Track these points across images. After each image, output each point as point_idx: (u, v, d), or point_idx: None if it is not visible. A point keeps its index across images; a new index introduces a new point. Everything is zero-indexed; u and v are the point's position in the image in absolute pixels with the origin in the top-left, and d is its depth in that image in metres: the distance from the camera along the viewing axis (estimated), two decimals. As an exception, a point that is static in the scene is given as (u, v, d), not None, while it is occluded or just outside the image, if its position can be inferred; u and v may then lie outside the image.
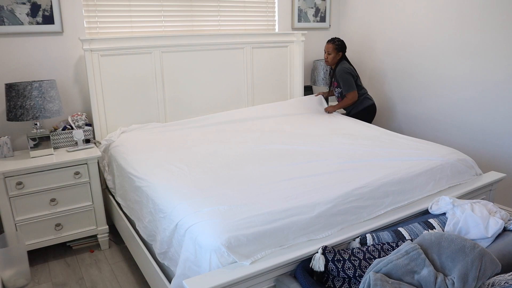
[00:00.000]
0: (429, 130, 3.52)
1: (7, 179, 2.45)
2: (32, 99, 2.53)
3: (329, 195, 1.84)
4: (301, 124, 3.25)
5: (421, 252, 1.38)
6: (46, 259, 2.75)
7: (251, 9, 3.71)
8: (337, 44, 3.53)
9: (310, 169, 2.17)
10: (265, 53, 3.64)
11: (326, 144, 2.63)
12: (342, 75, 3.48)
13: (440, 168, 2.24)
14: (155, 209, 1.99)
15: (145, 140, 2.80)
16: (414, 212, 1.97)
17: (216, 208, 1.73)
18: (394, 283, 1.31)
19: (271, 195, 1.84)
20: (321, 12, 4.11)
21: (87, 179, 2.70)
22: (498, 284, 1.37)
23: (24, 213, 2.54)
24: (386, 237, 1.71)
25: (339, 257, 1.52)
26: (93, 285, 2.46)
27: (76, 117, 2.92)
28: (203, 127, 3.13)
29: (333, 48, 3.52)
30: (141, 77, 3.10)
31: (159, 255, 1.93)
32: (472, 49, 3.13)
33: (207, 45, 3.32)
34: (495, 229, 1.71)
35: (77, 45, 2.95)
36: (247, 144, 2.69)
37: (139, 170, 2.32)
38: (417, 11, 3.49)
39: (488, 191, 2.37)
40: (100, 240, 2.85)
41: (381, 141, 2.68)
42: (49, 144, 2.69)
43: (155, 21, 3.27)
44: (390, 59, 3.81)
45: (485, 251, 1.38)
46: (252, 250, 1.56)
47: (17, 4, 2.71)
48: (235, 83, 3.54)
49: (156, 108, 3.20)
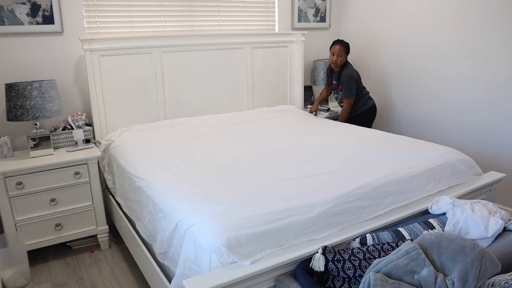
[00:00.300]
0: (429, 130, 3.52)
1: (7, 179, 2.45)
2: (32, 99, 2.53)
3: (329, 195, 1.84)
4: (301, 124, 3.25)
5: (421, 252, 1.38)
6: (46, 259, 2.75)
7: (251, 9, 3.71)
8: (346, 46, 3.48)
9: (310, 169, 2.17)
10: (265, 53, 3.64)
11: (326, 144, 2.63)
12: (348, 81, 3.43)
13: (440, 168, 2.24)
14: (155, 209, 1.99)
15: (145, 140, 2.80)
16: (414, 212, 1.97)
17: (216, 208, 1.73)
18: (394, 283, 1.31)
19: (271, 195, 1.84)
20: (321, 12, 4.11)
21: (87, 179, 2.70)
22: (498, 284, 1.37)
23: (24, 213, 2.54)
24: (386, 237, 1.71)
25: (339, 257, 1.52)
26: (93, 285, 2.46)
27: (76, 117, 2.92)
28: (203, 127, 3.13)
29: (344, 50, 3.46)
30: (141, 77, 3.10)
31: (159, 255, 1.93)
32: (472, 49, 3.13)
33: (207, 45, 3.32)
34: (495, 229, 1.71)
35: (77, 45, 2.95)
36: (247, 144, 2.69)
37: (139, 170, 2.32)
38: (417, 11, 3.49)
39: (488, 191, 2.37)
40: (100, 240, 2.85)
41: (381, 141, 2.68)
42: (49, 144, 2.69)
43: (155, 21, 3.28)
44: (390, 59, 3.81)
45: (485, 251, 1.38)
46: (252, 250, 1.56)
47: (17, 4, 2.71)
48: (235, 83, 3.54)
49: (156, 108, 3.20)
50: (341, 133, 2.92)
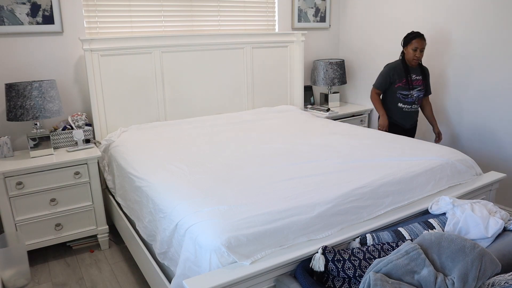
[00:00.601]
0: (429, 131, 3.52)
1: (7, 179, 2.45)
2: (32, 99, 2.53)
3: (329, 195, 1.84)
4: (301, 124, 3.25)
5: (421, 252, 1.38)
6: (46, 259, 2.75)
7: (251, 9, 3.71)
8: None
9: (310, 169, 2.17)
10: (265, 53, 3.64)
11: (326, 144, 2.63)
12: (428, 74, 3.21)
13: (440, 168, 2.24)
14: (155, 209, 1.99)
15: (145, 140, 2.80)
16: (414, 212, 1.97)
17: (216, 208, 1.73)
18: (394, 283, 1.31)
19: (271, 195, 1.84)
20: (321, 12, 4.11)
21: (87, 179, 2.70)
22: (498, 284, 1.37)
23: (24, 213, 2.54)
24: (386, 237, 1.71)
25: (339, 257, 1.52)
26: (93, 285, 2.46)
27: (76, 117, 2.92)
28: (203, 127, 3.13)
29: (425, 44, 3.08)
30: (141, 77, 3.10)
31: (159, 255, 1.93)
32: (472, 49, 3.13)
33: (207, 45, 3.32)
34: (495, 229, 1.71)
35: (77, 45, 2.95)
36: (247, 144, 2.69)
37: (139, 170, 2.32)
38: (417, 12, 3.49)
39: (488, 191, 2.37)
40: (100, 240, 2.85)
41: (381, 141, 2.68)
42: (49, 144, 2.69)
43: (155, 21, 3.28)
44: (389, 59, 3.80)
45: (485, 251, 1.38)
46: (252, 250, 1.56)
47: (17, 4, 2.71)
48: (235, 83, 3.54)
49: (156, 108, 3.20)
50: (341, 133, 2.92)
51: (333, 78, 3.92)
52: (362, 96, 4.15)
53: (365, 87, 4.08)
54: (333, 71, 3.91)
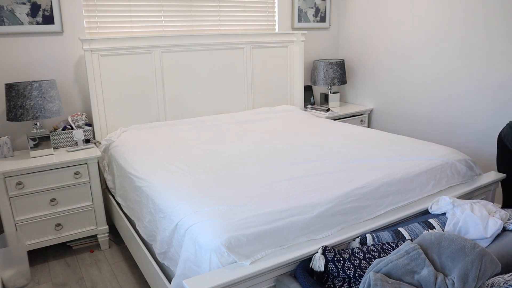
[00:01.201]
0: (429, 131, 3.52)
1: (7, 179, 2.45)
2: (32, 99, 2.53)
3: (329, 195, 1.84)
4: (301, 124, 3.25)
5: (421, 252, 1.38)
6: (46, 259, 2.75)
7: (251, 9, 3.71)
8: None
9: (310, 169, 2.17)
10: (265, 53, 3.64)
11: (326, 144, 2.63)
12: None
13: (440, 168, 2.24)
14: (155, 209, 1.99)
15: (145, 140, 2.80)
16: (414, 212, 1.97)
17: (216, 208, 1.73)
18: (394, 283, 1.31)
19: (271, 195, 1.84)
20: (321, 12, 4.11)
21: (87, 179, 2.70)
22: (497, 285, 1.37)
23: (24, 213, 2.54)
24: (386, 237, 1.71)
25: (339, 257, 1.52)
26: (93, 285, 2.46)
27: (76, 117, 2.92)
28: (204, 127, 3.13)
29: None
30: (141, 77, 3.10)
31: (159, 255, 1.93)
32: (472, 49, 3.13)
33: (207, 45, 3.32)
34: (494, 229, 1.71)
35: (77, 45, 2.95)
36: (247, 144, 2.69)
37: (139, 170, 2.32)
38: (417, 12, 3.49)
39: (488, 191, 2.37)
40: (100, 240, 2.85)
41: (381, 141, 2.68)
42: (49, 144, 2.69)
43: (155, 21, 3.27)
44: (389, 59, 3.81)
45: (485, 251, 1.38)
46: (252, 250, 1.56)
47: (17, 4, 2.71)
48: (235, 83, 3.54)
49: (156, 108, 3.20)
50: (341, 133, 2.92)
51: (333, 78, 3.92)
52: (362, 96, 4.16)
53: (365, 87, 4.08)
54: (333, 71, 3.91)
